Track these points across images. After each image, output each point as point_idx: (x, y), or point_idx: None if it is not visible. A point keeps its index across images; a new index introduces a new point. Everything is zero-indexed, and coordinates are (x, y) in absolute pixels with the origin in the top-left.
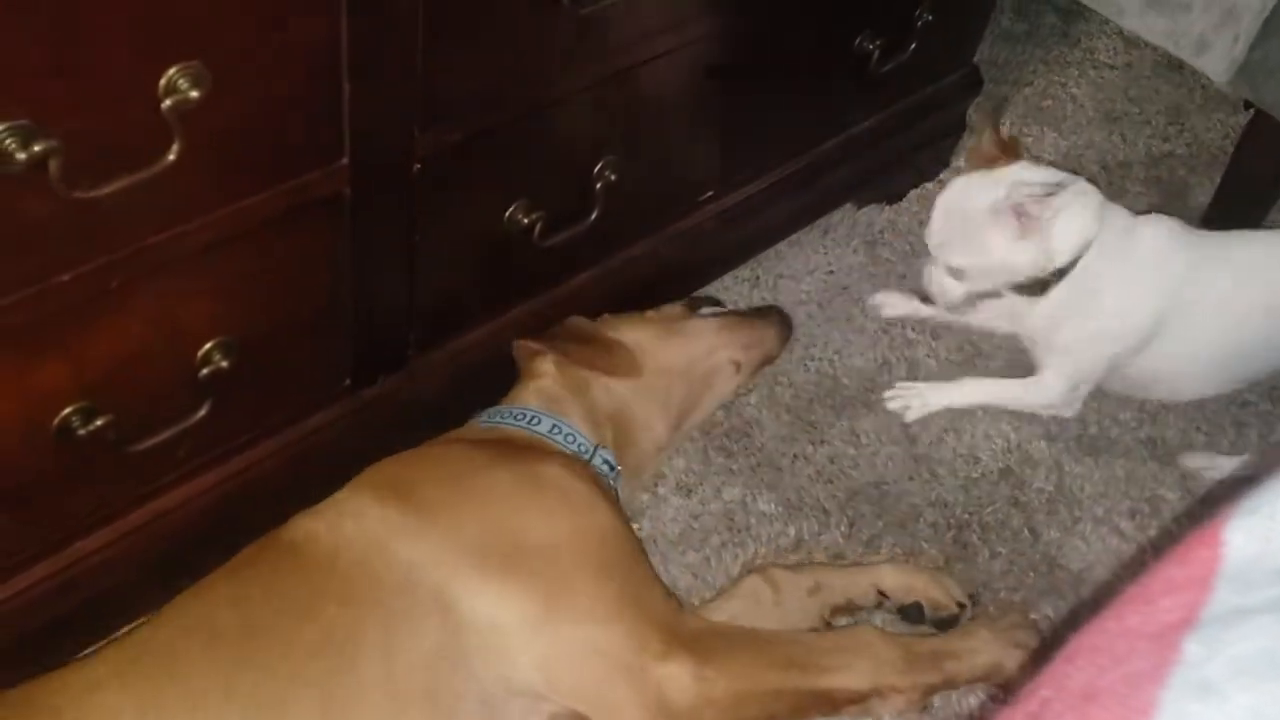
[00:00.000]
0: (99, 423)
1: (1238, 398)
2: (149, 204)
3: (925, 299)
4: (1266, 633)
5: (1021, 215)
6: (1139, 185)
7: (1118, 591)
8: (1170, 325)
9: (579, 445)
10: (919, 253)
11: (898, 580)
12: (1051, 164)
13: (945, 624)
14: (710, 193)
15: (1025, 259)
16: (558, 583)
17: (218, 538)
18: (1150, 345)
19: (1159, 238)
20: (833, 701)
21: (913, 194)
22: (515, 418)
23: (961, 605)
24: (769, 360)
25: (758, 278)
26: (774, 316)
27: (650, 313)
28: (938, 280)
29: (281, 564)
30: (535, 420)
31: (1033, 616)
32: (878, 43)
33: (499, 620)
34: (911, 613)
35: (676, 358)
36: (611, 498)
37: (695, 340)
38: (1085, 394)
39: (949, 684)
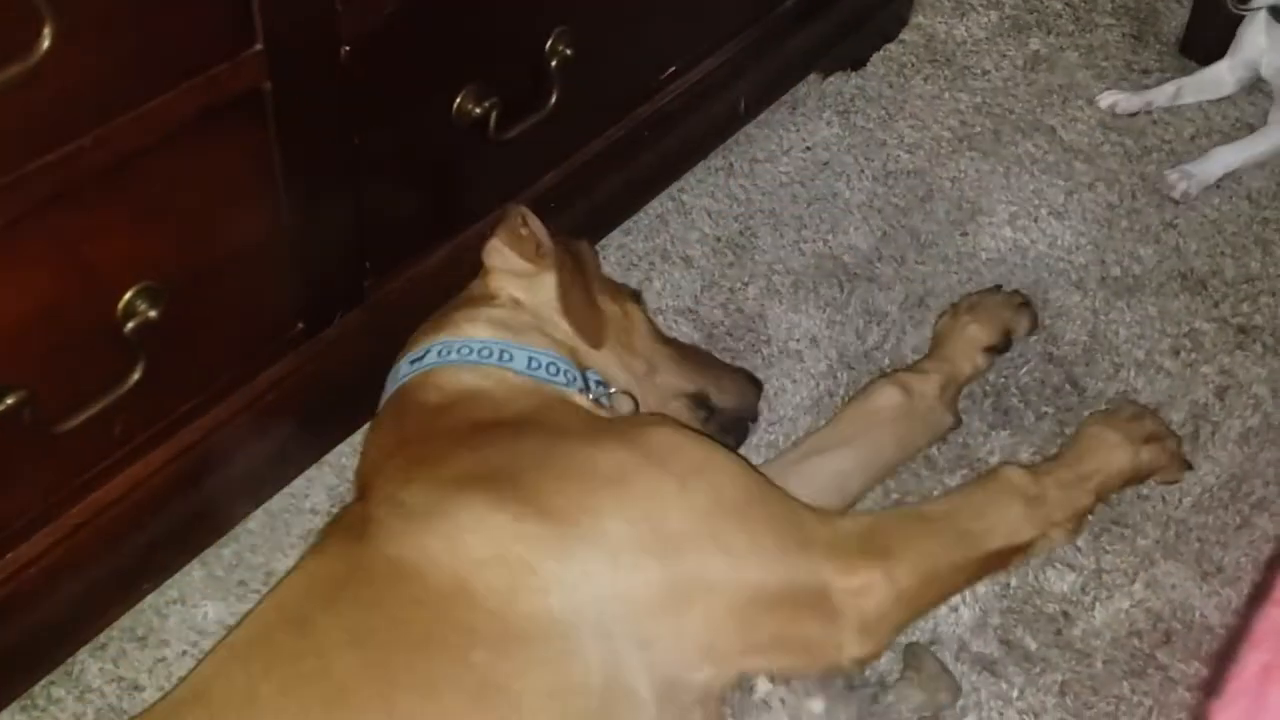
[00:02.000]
0: (9, 401)
1: (1258, 216)
2: (25, 114)
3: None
4: None
5: None
6: (1108, 16)
7: None
8: None
9: (567, 376)
10: (894, 116)
11: (990, 328)
12: (1013, 8)
13: (1031, 331)
14: (672, 68)
15: None
16: (714, 555)
17: (176, 530)
18: None
19: None
20: (1003, 558)
21: (876, 57)
22: (482, 355)
23: (1025, 302)
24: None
25: (731, 165)
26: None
27: (637, 327)
28: None
29: (400, 590)
30: (507, 356)
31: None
32: None
33: (662, 630)
34: (1003, 346)
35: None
36: (706, 436)
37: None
38: None
39: (1100, 499)
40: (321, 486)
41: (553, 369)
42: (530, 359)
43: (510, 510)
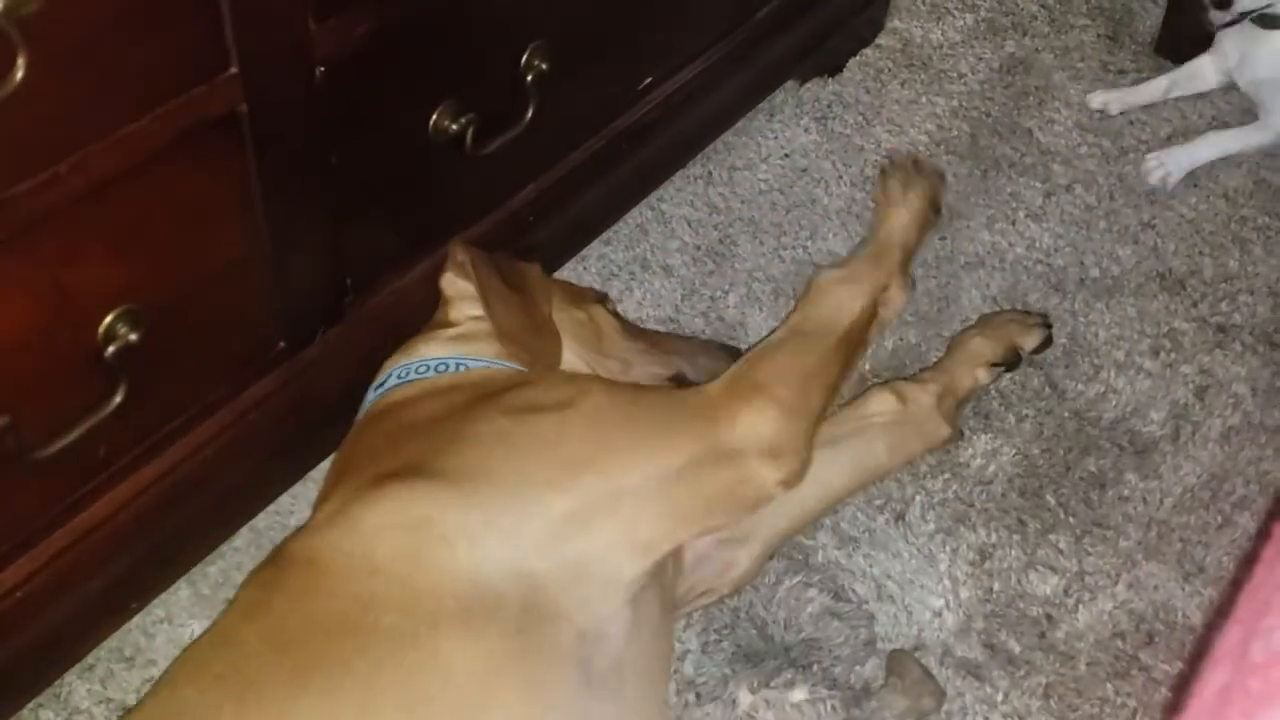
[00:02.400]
0: None
1: (1235, 215)
2: (1, 142)
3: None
4: None
5: None
6: (1083, 18)
7: None
8: None
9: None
10: (871, 122)
11: (995, 343)
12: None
13: (1041, 348)
14: (649, 79)
15: None
16: (611, 463)
17: (162, 550)
18: None
19: None
20: (857, 334)
21: (853, 62)
22: (438, 370)
23: (1043, 324)
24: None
25: (710, 174)
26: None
27: (602, 327)
28: None
29: (310, 588)
30: (461, 367)
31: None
32: None
33: (580, 537)
34: (1015, 361)
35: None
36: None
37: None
38: None
39: (905, 251)
40: (306, 502)
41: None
42: (488, 366)
43: (407, 484)
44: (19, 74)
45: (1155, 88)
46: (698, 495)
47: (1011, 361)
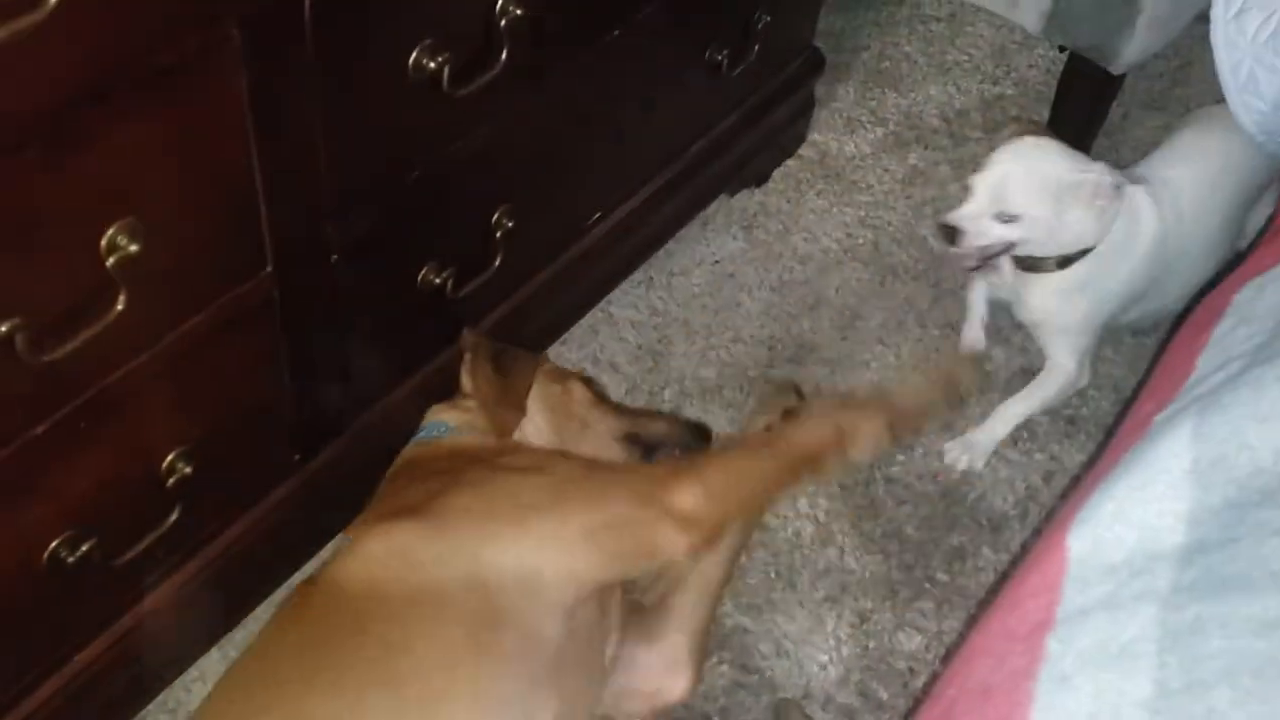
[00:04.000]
0: (85, 548)
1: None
2: (105, 349)
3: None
4: (1100, 629)
5: (1101, 195)
6: (978, 131)
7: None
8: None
9: None
10: (790, 230)
11: (916, 400)
12: (896, 125)
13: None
14: (598, 214)
15: (1080, 231)
16: (558, 510)
17: (205, 620)
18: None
19: (1144, 201)
20: (812, 458)
21: (777, 173)
22: (450, 433)
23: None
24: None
25: (651, 279)
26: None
27: (574, 397)
28: (974, 221)
29: (327, 604)
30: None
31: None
32: (725, 52)
33: (526, 561)
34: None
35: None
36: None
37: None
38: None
39: (903, 412)
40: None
41: None
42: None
43: (400, 520)
44: (119, 307)
45: (973, 328)
46: (623, 542)
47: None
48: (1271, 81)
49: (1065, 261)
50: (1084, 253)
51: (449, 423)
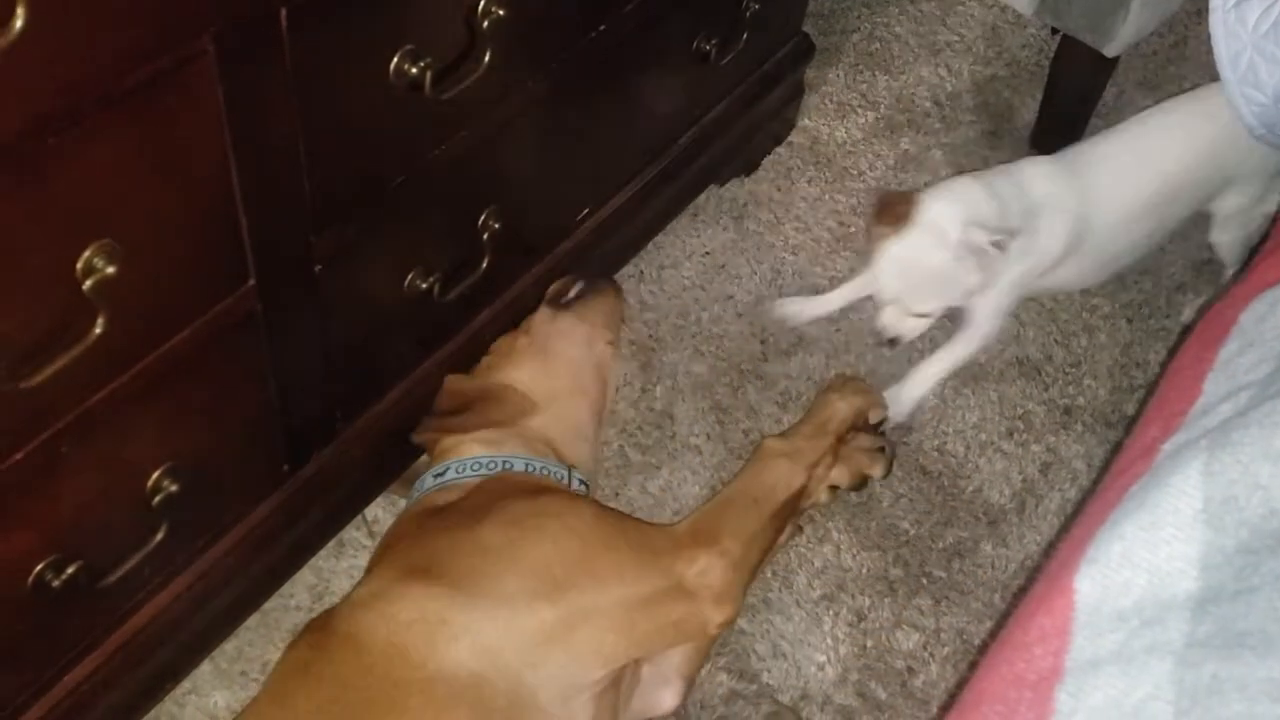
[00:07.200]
0: (70, 570)
1: (1087, 304)
2: (84, 373)
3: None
4: (1113, 684)
5: (987, 256)
6: (970, 114)
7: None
8: (1080, 240)
9: (555, 474)
10: (781, 220)
11: (844, 471)
12: (887, 108)
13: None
14: (587, 210)
15: (989, 274)
16: (591, 586)
17: (195, 634)
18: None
19: (1048, 178)
20: (792, 504)
21: (767, 161)
22: (488, 467)
23: (889, 452)
24: (622, 321)
25: (641, 273)
26: (605, 282)
27: (523, 337)
28: (899, 324)
29: (348, 660)
30: (508, 464)
31: (850, 373)
32: (713, 41)
33: (561, 648)
34: (861, 485)
35: (564, 373)
36: (574, 493)
37: (571, 343)
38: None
39: (839, 439)
40: (304, 586)
41: (544, 470)
42: (527, 464)
43: (428, 585)
44: (97, 330)
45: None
46: (655, 621)
47: (858, 486)
48: (1272, 73)
49: None
50: None
51: (480, 456)
